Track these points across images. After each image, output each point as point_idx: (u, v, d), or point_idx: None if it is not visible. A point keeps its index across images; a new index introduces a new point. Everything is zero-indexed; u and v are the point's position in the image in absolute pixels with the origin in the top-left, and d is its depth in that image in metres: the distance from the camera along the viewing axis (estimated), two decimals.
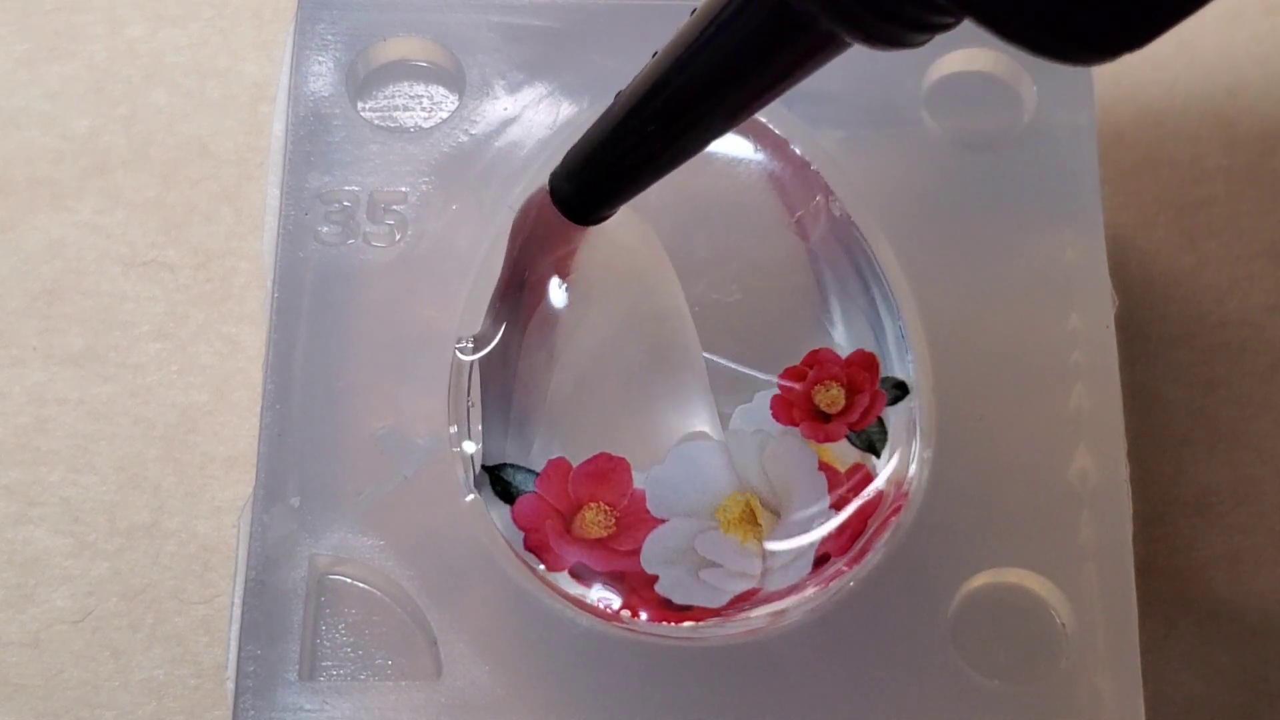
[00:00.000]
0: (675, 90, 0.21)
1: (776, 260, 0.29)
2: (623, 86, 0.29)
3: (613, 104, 0.23)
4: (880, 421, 0.28)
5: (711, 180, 0.29)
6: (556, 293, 0.28)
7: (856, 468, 0.27)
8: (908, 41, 0.18)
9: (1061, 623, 0.26)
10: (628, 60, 0.29)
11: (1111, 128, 0.34)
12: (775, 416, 0.28)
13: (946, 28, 0.18)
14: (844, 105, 0.29)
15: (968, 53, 0.29)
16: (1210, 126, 0.34)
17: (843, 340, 0.28)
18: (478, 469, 0.27)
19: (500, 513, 0.27)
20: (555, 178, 0.25)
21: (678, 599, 0.26)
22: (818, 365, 0.28)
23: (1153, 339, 0.33)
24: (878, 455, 0.27)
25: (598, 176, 0.24)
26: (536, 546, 0.26)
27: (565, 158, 0.25)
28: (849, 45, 0.19)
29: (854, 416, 0.28)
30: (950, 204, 0.28)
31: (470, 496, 0.26)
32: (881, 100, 0.29)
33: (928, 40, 0.18)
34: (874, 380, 0.28)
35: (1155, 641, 0.30)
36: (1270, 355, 0.32)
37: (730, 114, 0.22)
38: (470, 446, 0.27)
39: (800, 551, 0.27)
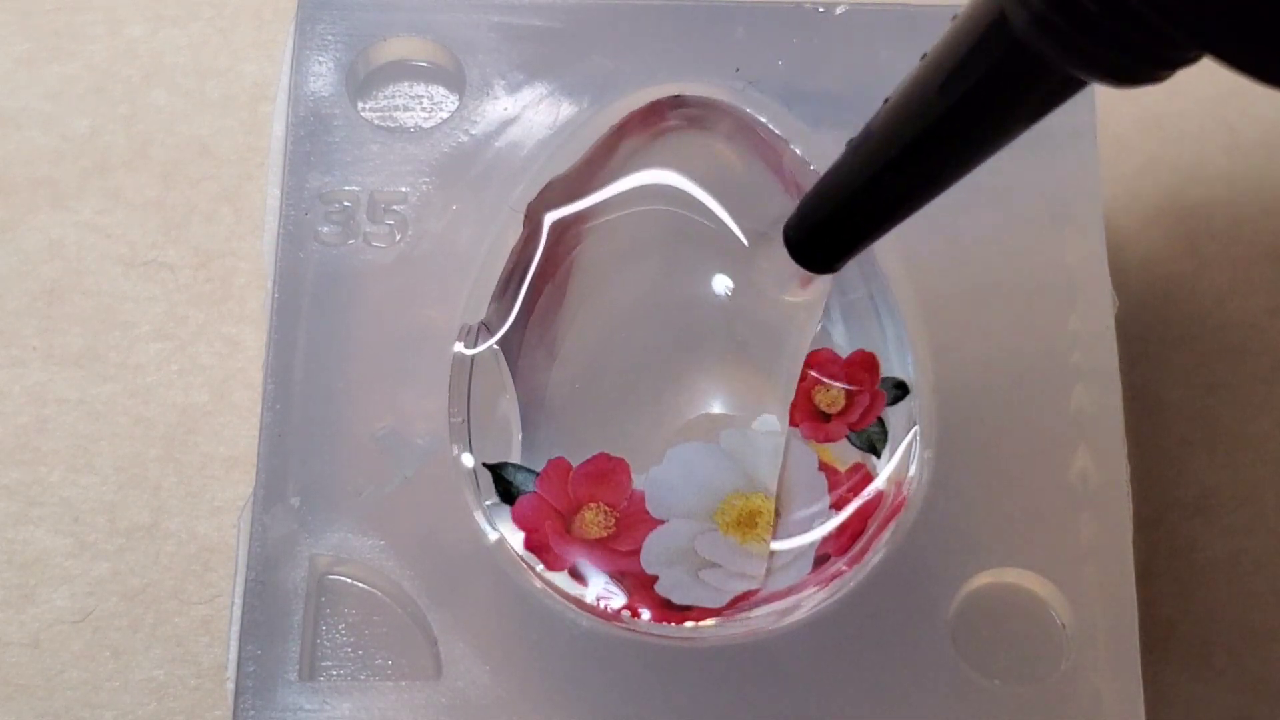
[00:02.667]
0: (914, 141, 0.21)
1: (783, 249, 0.29)
2: (623, 88, 0.29)
3: (845, 154, 0.22)
4: (880, 421, 0.28)
5: (719, 172, 0.29)
6: (558, 290, 0.28)
7: (856, 467, 0.27)
8: (1155, 79, 0.18)
9: (1061, 623, 0.26)
10: (628, 60, 0.29)
11: (1112, 130, 0.34)
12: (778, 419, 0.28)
13: (1189, 63, 0.17)
14: (844, 105, 0.29)
15: None
16: (1211, 130, 0.34)
17: (842, 340, 0.28)
18: (478, 467, 0.27)
19: (500, 513, 0.27)
20: (791, 229, 0.24)
21: (677, 599, 0.26)
22: (817, 366, 0.28)
23: (1153, 341, 0.33)
24: (878, 455, 0.27)
25: (838, 228, 0.23)
26: (536, 546, 0.26)
27: (800, 209, 0.24)
28: (1088, 84, 0.19)
29: (854, 416, 0.28)
30: (951, 205, 0.28)
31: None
32: (881, 100, 0.29)
33: (1172, 75, 0.18)
34: (874, 380, 0.28)
35: (1155, 641, 0.30)
36: (1270, 357, 0.32)
37: (973, 159, 0.21)
38: (468, 459, 0.27)
39: (800, 551, 0.27)
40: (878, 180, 0.21)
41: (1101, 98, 0.29)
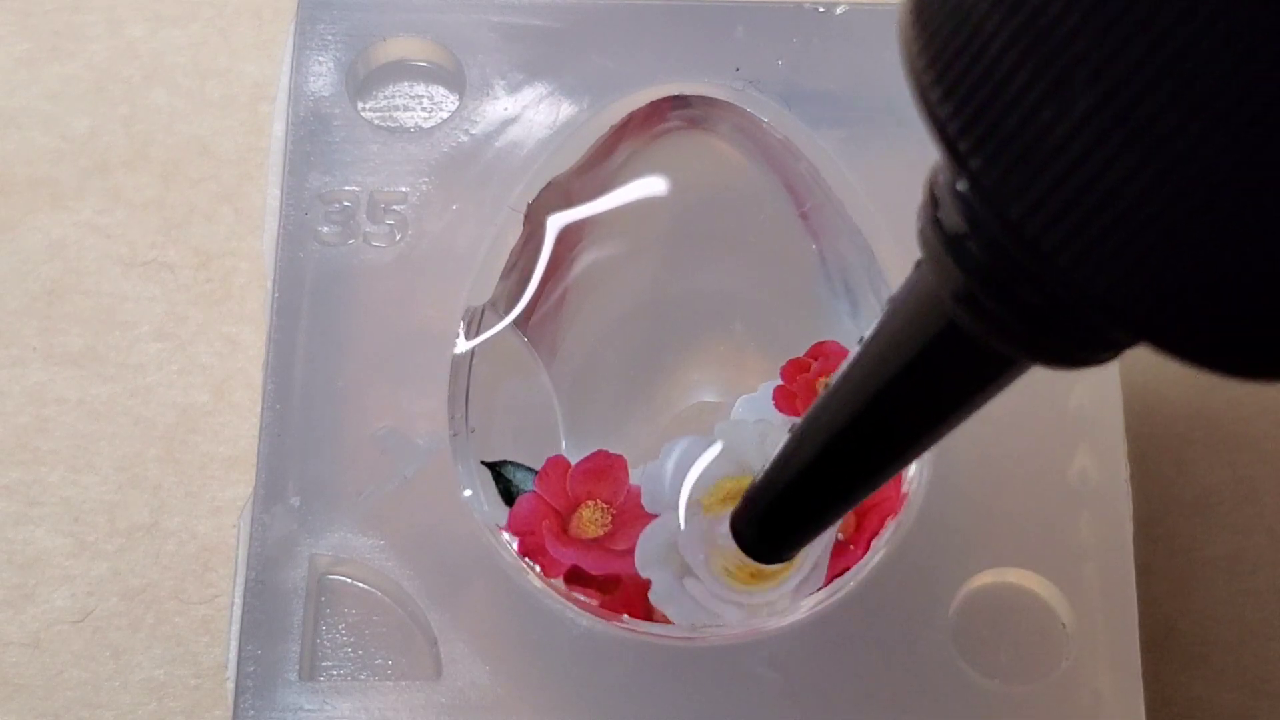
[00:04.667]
0: (853, 424, 0.20)
1: (784, 251, 0.29)
2: (623, 88, 0.29)
3: (787, 442, 0.21)
4: None
5: (719, 172, 0.29)
6: (558, 288, 0.28)
7: None
8: (1095, 362, 0.17)
9: (1061, 623, 0.26)
10: (628, 60, 0.29)
11: None
12: (778, 407, 0.28)
13: (1131, 345, 0.17)
14: (844, 105, 0.29)
15: None
16: None
17: (852, 332, 0.28)
18: (477, 466, 0.27)
19: (498, 515, 0.27)
20: (737, 521, 0.23)
21: (672, 614, 0.26)
22: (823, 357, 0.28)
23: None
24: None
25: (784, 521, 0.22)
26: (531, 551, 0.26)
27: (743, 502, 0.23)
28: (1029, 366, 0.18)
29: None
30: None
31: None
32: (881, 100, 0.29)
33: (1115, 358, 0.17)
34: None
35: (1155, 641, 0.30)
36: None
37: (914, 441, 0.20)
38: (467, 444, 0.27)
39: (805, 576, 0.27)
40: (819, 465, 0.21)
41: None
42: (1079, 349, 0.17)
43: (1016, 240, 0.15)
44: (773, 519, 0.22)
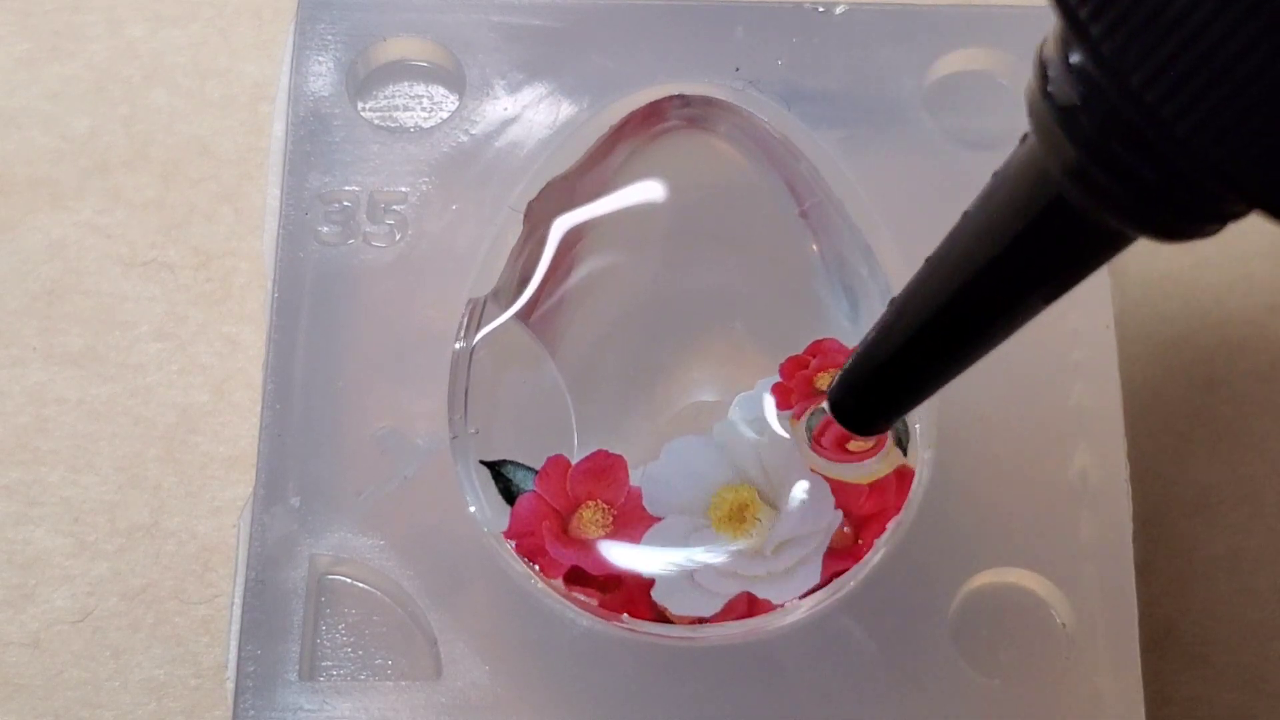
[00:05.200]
0: (954, 300, 0.20)
1: (783, 251, 0.29)
2: (623, 88, 0.29)
3: (886, 314, 0.21)
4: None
5: (719, 172, 0.29)
6: (558, 287, 0.28)
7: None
8: (1203, 234, 0.17)
9: (1061, 623, 0.26)
10: (628, 60, 0.29)
11: None
12: (776, 404, 0.28)
13: (1237, 217, 0.17)
14: (844, 105, 0.29)
15: (967, 53, 0.29)
16: None
17: (850, 331, 0.28)
18: (476, 465, 0.27)
19: (498, 515, 0.27)
20: (833, 391, 0.23)
21: (674, 608, 0.26)
22: (821, 354, 0.28)
23: (1152, 338, 0.33)
24: (904, 451, 0.27)
25: (879, 390, 0.22)
26: (530, 552, 0.26)
27: (843, 374, 0.23)
28: (1134, 239, 0.18)
29: None
30: (950, 203, 0.28)
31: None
32: (881, 100, 0.29)
33: (1222, 229, 0.17)
34: None
35: (1155, 641, 0.30)
36: (1270, 354, 0.32)
37: (1017, 318, 0.20)
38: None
39: (804, 557, 0.27)
40: (920, 341, 0.21)
41: None
42: (1189, 221, 0.17)
43: (1136, 109, 0.15)
44: (872, 391, 0.22)
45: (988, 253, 0.19)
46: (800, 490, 0.27)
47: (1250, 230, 0.33)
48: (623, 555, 0.26)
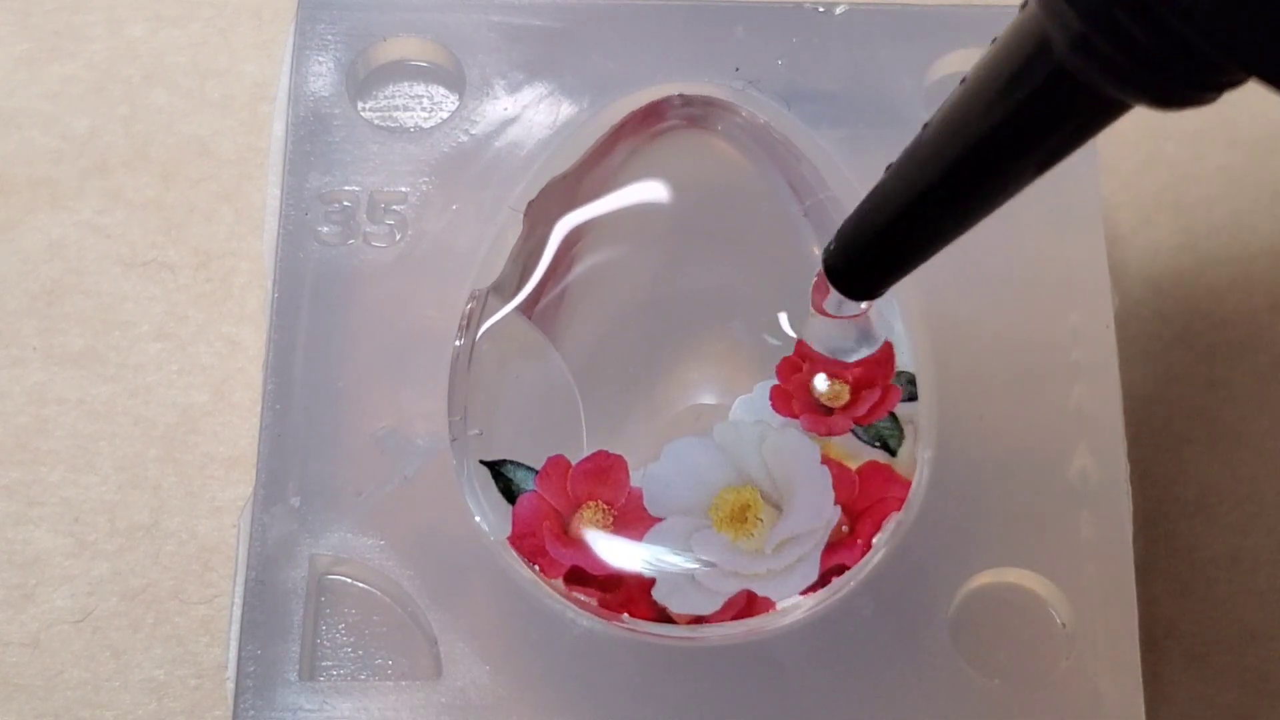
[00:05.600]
0: (953, 166, 0.20)
1: (784, 251, 0.29)
2: (623, 88, 0.29)
3: (884, 179, 0.22)
4: (893, 417, 0.27)
5: (719, 171, 0.29)
6: (558, 287, 0.28)
7: (872, 467, 0.27)
8: (1200, 101, 0.18)
9: (1061, 623, 0.26)
10: (628, 60, 0.29)
11: (1111, 127, 0.34)
12: (775, 408, 0.28)
13: (1235, 85, 0.17)
14: (844, 105, 0.29)
15: (967, 53, 0.29)
16: (1210, 126, 0.34)
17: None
18: (476, 465, 0.27)
19: (498, 515, 0.27)
20: (830, 256, 0.23)
21: (674, 607, 0.26)
22: (811, 356, 0.28)
23: (1153, 338, 0.33)
24: (892, 453, 0.27)
25: (876, 255, 0.23)
26: (530, 552, 0.26)
27: (838, 237, 0.23)
28: (1131, 107, 0.18)
29: (860, 410, 0.27)
30: None
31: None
32: (881, 100, 0.29)
33: (1219, 97, 0.18)
34: (886, 375, 0.28)
35: (1155, 641, 0.30)
36: (1270, 355, 0.32)
37: (1013, 184, 0.20)
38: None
39: (804, 555, 0.27)
40: (916, 206, 0.21)
41: None
42: (1188, 88, 0.17)
43: None
44: (866, 254, 0.22)
45: (986, 120, 0.19)
46: (803, 489, 0.27)
47: (1250, 230, 0.34)
48: (623, 555, 0.26)
